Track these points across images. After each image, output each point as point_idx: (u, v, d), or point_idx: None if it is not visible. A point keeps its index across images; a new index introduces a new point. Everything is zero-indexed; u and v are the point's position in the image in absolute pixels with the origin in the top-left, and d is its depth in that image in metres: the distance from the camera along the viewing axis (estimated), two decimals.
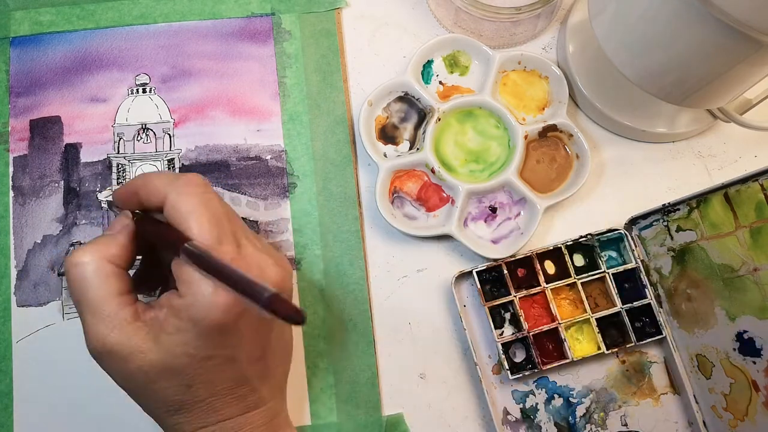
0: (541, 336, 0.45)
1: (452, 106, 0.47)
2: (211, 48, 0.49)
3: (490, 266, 0.45)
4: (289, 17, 0.49)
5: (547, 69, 0.48)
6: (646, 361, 0.46)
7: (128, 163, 0.47)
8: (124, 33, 0.49)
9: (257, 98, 0.48)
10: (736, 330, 0.40)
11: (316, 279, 0.45)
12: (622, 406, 0.45)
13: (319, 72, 0.49)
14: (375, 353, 0.45)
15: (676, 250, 0.44)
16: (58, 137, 0.47)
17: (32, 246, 0.45)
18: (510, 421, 0.45)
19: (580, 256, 0.47)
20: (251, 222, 0.46)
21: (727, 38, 0.34)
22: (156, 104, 0.48)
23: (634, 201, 0.47)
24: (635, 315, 0.45)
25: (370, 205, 0.47)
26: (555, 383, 0.45)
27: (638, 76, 0.41)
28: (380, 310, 0.46)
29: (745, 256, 0.39)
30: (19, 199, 0.46)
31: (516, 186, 0.46)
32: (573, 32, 0.49)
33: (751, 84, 0.40)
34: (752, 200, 0.38)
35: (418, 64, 0.48)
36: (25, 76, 0.48)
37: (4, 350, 0.44)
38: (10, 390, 0.43)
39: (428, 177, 0.47)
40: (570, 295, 0.46)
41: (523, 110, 0.48)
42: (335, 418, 0.44)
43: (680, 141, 0.49)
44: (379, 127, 0.48)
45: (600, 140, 0.49)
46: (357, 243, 0.46)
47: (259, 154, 0.47)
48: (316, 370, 0.44)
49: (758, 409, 0.40)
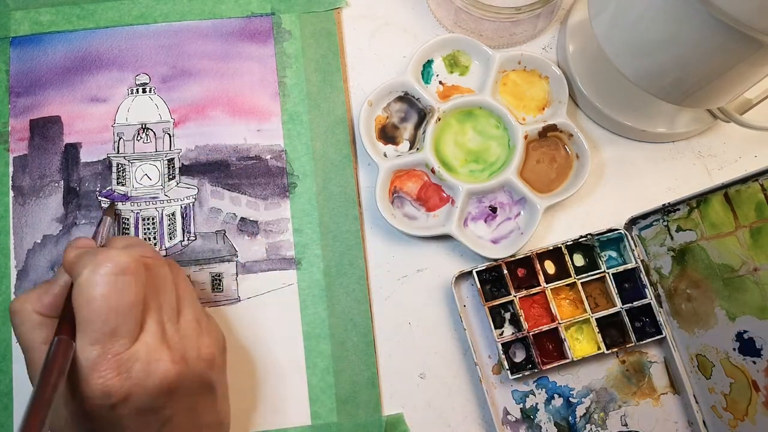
0: (541, 336, 0.45)
1: (452, 106, 0.47)
2: (211, 48, 0.49)
3: (490, 266, 0.45)
4: (289, 17, 0.49)
5: (547, 69, 0.48)
6: (646, 361, 0.46)
7: (128, 163, 0.47)
8: (124, 33, 0.49)
9: (257, 98, 0.48)
10: (736, 330, 0.40)
11: (316, 279, 0.45)
12: (622, 406, 0.45)
13: (319, 72, 0.49)
14: (375, 353, 0.45)
15: (676, 250, 0.44)
16: (58, 137, 0.47)
17: (32, 246, 0.45)
18: (510, 421, 0.45)
19: (580, 256, 0.47)
20: (251, 222, 0.46)
21: (727, 38, 0.34)
22: (156, 104, 0.48)
23: (634, 201, 0.47)
24: (635, 315, 0.45)
25: (370, 205, 0.47)
26: (555, 383, 0.45)
27: (638, 76, 0.41)
28: (380, 310, 0.46)
29: (745, 256, 0.39)
30: (19, 199, 0.46)
31: (516, 186, 0.46)
32: (573, 32, 0.49)
33: (751, 84, 0.40)
34: (752, 200, 0.38)
35: (418, 64, 0.48)
36: (25, 76, 0.48)
37: (4, 350, 0.44)
38: (10, 390, 0.43)
39: (428, 177, 0.47)
40: (570, 295, 0.46)
41: (523, 110, 0.48)
42: (335, 418, 0.44)
43: (680, 141, 0.49)
44: (379, 127, 0.48)
45: (600, 140, 0.49)
46: (357, 243, 0.46)
47: (259, 154, 0.47)
48: (316, 370, 0.44)
49: (758, 409, 0.40)
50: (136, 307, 0.34)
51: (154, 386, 0.33)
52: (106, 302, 0.33)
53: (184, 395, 0.35)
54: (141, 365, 0.33)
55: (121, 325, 0.33)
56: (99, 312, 0.33)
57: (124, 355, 0.33)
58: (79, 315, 0.33)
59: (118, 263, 0.34)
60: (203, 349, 0.37)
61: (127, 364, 0.33)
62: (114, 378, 0.33)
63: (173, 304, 0.37)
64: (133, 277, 0.34)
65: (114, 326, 0.33)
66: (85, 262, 0.34)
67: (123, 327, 0.33)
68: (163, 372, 0.34)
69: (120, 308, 0.33)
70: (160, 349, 0.34)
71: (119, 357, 0.33)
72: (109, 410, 0.33)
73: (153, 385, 0.33)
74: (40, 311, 0.35)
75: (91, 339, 0.33)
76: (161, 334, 0.35)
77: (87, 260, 0.34)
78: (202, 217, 0.46)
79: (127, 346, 0.33)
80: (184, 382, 0.35)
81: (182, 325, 0.36)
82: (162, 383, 0.34)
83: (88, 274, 0.33)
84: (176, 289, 0.37)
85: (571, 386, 0.45)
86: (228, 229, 0.46)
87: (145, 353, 0.34)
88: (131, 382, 0.33)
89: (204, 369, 0.36)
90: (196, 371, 0.36)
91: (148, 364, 0.33)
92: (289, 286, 0.45)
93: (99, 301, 0.33)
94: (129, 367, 0.33)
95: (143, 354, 0.34)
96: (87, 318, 0.33)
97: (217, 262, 0.46)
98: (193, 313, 0.38)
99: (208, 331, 0.38)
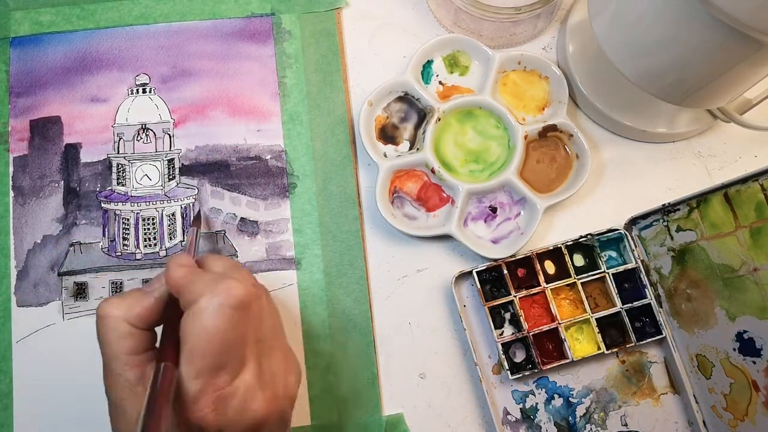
0: (541, 336, 0.45)
1: (452, 106, 0.47)
2: (211, 48, 0.49)
3: (490, 266, 0.45)
4: (289, 17, 0.49)
5: (547, 69, 0.48)
6: (646, 361, 0.46)
7: (128, 163, 0.47)
8: (124, 33, 0.49)
9: (257, 98, 0.48)
10: (736, 330, 0.40)
11: (316, 279, 0.45)
12: (622, 406, 0.45)
13: (319, 72, 0.49)
14: (375, 353, 0.45)
15: (676, 250, 0.44)
16: (58, 137, 0.47)
17: (32, 246, 0.45)
18: (510, 421, 0.45)
19: (580, 256, 0.47)
20: (251, 222, 0.46)
21: (727, 38, 0.34)
22: (156, 104, 0.48)
23: (634, 201, 0.47)
24: (635, 315, 0.45)
25: (370, 205, 0.47)
26: (555, 383, 0.45)
27: (638, 76, 0.41)
28: (380, 310, 0.46)
29: (745, 256, 0.39)
30: (19, 199, 0.46)
31: (516, 186, 0.46)
32: (573, 32, 0.49)
33: (751, 84, 0.40)
34: (752, 200, 0.38)
35: (418, 64, 0.48)
36: (25, 76, 0.48)
37: (4, 350, 0.44)
38: (10, 390, 0.43)
39: (428, 177, 0.47)
40: (570, 295, 0.46)
41: (523, 110, 0.48)
42: (335, 418, 0.44)
43: (680, 141, 0.49)
44: (379, 127, 0.48)
45: (600, 140, 0.49)
46: (357, 243, 0.46)
47: (259, 154, 0.47)
48: (316, 370, 0.44)
49: (758, 409, 0.40)
50: (244, 343, 0.33)
51: (246, 425, 0.33)
52: (220, 336, 0.32)
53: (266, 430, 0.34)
54: (238, 402, 0.33)
55: (227, 361, 0.32)
56: (211, 345, 0.32)
57: (224, 392, 0.32)
58: (188, 342, 0.32)
59: (237, 296, 0.32)
60: (289, 388, 0.36)
61: (226, 401, 0.32)
62: (211, 413, 0.32)
63: (269, 339, 0.36)
64: (247, 312, 0.33)
65: (221, 361, 0.32)
66: (200, 288, 0.33)
67: (229, 363, 0.32)
68: (256, 411, 0.33)
69: (231, 343, 0.32)
70: (257, 387, 0.33)
71: (220, 393, 0.32)
72: None
73: (245, 424, 0.33)
74: (130, 320, 0.34)
75: (196, 371, 0.32)
76: (259, 372, 0.34)
77: (203, 287, 0.33)
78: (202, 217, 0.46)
79: (229, 383, 0.32)
80: (270, 419, 0.34)
81: (273, 361, 0.35)
82: (253, 422, 0.33)
83: (205, 303, 0.32)
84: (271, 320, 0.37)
85: (571, 386, 0.45)
86: (228, 229, 0.46)
87: (243, 391, 0.33)
88: (226, 418, 0.32)
89: (287, 407, 0.36)
90: (281, 409, 0.35)
91: (245, 402, 0.33)
92: (289, 286, 0.45)
93: (213, 333, 0.32)
94: (226, 404, 0.32)
95: (242, 392, 0.33)
96: (197, 348, 0.32)
97: None
98: (282, 349, 0.37)
99: (292, 368, 0.37)
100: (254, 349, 0.34)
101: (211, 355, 0.32)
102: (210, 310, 0.32)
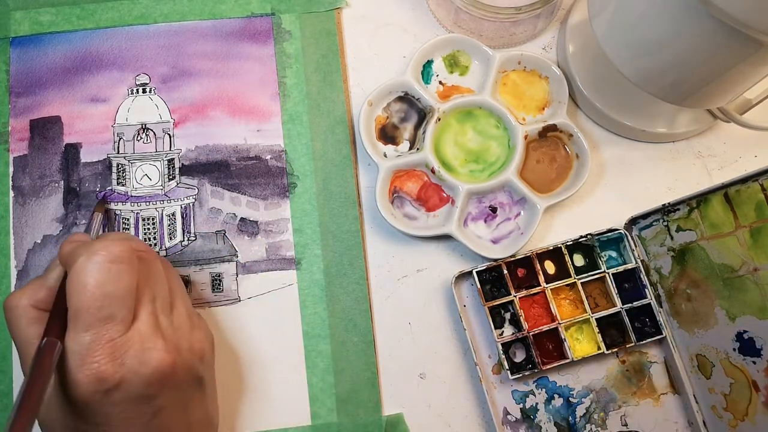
0: (541, 336, 0.45)
1: (452, 106, 0.47)
2: (211, 48, 0.49)
3: (490, 266, 0.45)
4: (289, 17, 0.49)
5: (547, 69, 0.48)
6: (646, 361, 0.46)
7: (128, 163, 0.47)
8: (124, 33, 0.49)
9: (257, 98, 0.48)
10: (736, 330, 0.40)
11: (316, 279, 0.45)
12: (622, 406, 0.45)
13: (319, 72, 0.49)
14: (375, 353, 0.45)
15: (676, 250, 0.44)
16: (58, 137, 0.47)
17: (32, 246, 0.45)
18: (510, 421, 0.45)
19: (580, 256, 0.47)
20: (251, 222, 0.46)
21: (727, 38, 0.34)
22: (156, 104, 0.48)
23: (634, 201, 0.47)
24: (635, 315, 0.45)
25: (370, 205, 0.47)
26: (555, 383, 0.45)
27: (638, 76, 0.41)
28: (380, 310, 0.46)
29: (745, 256, 0.39)
30: (19, 199, 0.46)
31: (516, 186, 0.46)
32: (573, 32, 0.49)
33: (751, 84, 0.40)
34: (752, 200, 0.38)
35: (418, 64, 0.48)
36: (25, 76, 0.48)
37: (4, 350, 0.44)
38: (10, 390, 0.43)
39: (428, 177, 0.47)
40: (570, 295, 0.46)
41: (523, 110, 0.48)
42: (335, 418, 0.44)
43: (680, 141, 0.49)
44: (379, 127, 0.48)
45: (600, 140, 0.49)
46: (357, 243, 0.46)
47: (259, 154, 0.47)
48: (316, 370, 0.44)
49: (758, 409, 0.40)
50: (130, 295, 0.34)
51: (147, 374, 0.34)
52: (100, 288, 0.33)
53: (175, 387, 0.35)
54: (135, 352, 0.33)
55: (114, 312, 0.33)
56: (93, 298, 0.33)
57: (118, 341, 0.33)
58: (73, 303, 0.33)
59: (111, 251, 0.34)
60: (195, 343, 0.37)
61: (121, 350, 0.33)
62: (108, 363, 0.33)
63: (166, 298, 0.37)
64: (127, 265, 0.34)
65: (108, 312, 0.33)
66: (79, 251, 0.34)
67: (117, 313, 0.33)
68: (156, 360, 0.34)
69: (114, 295, 0.33)
70: (154, 338, 0.34)
71: (113, 342, 0.33)
72: (101, 397, 0.33)
73: (146, 373, 0.34)
74: (37, 305, 0.35)
75: (84, 325, 0.33)
76: (155, 324, 0.35)
77: (81, 250, 0.34)
78: (202, 217, 0.46)
79: (121, 333, 0.33)
80: (177, 372, 0.35)
81: (175, 318, 0.37)
82: (155, 371, 0.34)
83: (82, 262, 0.34)
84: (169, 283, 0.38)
85: (571, 386, 0.45)
86: (228, 229, 0.46)
87: (138, 341, 0.34)
88: (125, 368, 0.33)
89: (195, 362, 0.37)
90: (188, 363, 0.36)
91: (142, 351, 0.34)
92: (289, 286, 0.45)
93: (93, 287, 0.33)
94: (123, 354, 0.33)
95: (137, 341, 0.34)
96: (81, 304, 0.33)
97: (217, 263, 0.46)
98: (185, 308, 0.38)
99: (199, 327, 0.39)
100: (149, 306, 0.35)
101: (96, 307, 0.33)
102: (88, 267, 0.33)
